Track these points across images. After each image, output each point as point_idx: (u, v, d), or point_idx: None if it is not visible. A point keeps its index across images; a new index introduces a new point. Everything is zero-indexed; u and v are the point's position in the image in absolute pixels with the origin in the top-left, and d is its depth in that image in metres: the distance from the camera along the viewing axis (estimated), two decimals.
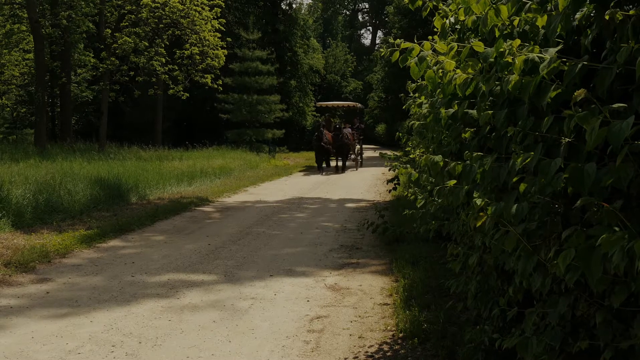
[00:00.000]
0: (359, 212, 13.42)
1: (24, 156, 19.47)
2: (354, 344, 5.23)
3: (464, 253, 4.54)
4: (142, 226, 11.04)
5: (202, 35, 26.81)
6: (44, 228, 10.19)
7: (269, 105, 35.58)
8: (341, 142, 25.17)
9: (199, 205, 14.11)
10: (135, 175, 16.26)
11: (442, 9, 4.19)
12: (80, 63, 32.99)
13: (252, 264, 8.21)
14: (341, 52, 67.50)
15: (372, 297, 6.71)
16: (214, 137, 34.19)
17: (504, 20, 3.13)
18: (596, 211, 2.36)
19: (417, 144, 7.03)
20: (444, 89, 3.81)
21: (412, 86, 5.67)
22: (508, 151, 3.23)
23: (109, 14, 27.82)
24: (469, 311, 5.30)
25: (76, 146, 26.05)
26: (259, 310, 6.17)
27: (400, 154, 10.60)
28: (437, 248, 8.19)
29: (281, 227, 11.33)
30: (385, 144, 48.56)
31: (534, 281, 2.93)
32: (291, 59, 44.90)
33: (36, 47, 25.50)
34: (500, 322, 4.02)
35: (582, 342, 2.70)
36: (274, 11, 44.12)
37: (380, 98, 52.89)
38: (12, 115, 41.46)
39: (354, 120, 30.75)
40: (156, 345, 5.17)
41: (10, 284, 7.07)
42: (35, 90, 26.52)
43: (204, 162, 23.01)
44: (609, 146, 2.22)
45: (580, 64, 2.45)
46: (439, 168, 3.92)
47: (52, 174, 13.72)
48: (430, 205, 5.66)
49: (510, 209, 2.85)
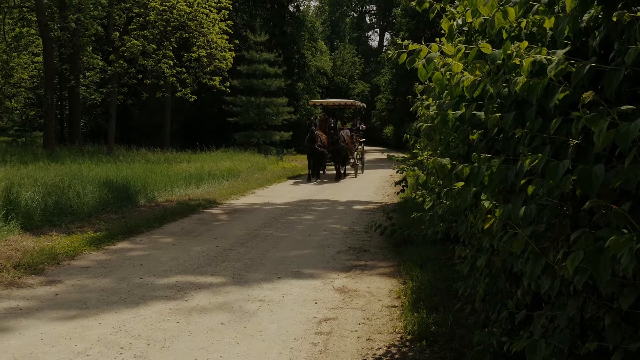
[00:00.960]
0: (366, 214, 13.41)
1: (33, 159, 19.55)
2: (362, 347, 5.23)
3: (472, 255, 4.53)
4: (150, 228, 11.07)
5: (210, 38, 26.84)
6: (53, 230, 10.22)
7: (276, 107, 35.56)
8: (337, 145, 22.08)
9: (207, 207, 14.13)
10: (144, 178, 16.29)
11: (449, 11, 4.20)
12: (89, 66, 33.10)
13: (260, 266, 8.21)
14: (349, 54, 67.57)
15: (380, 300, 6.71)
16: (221, 140, 34.18)
17: (512, 22, 3.12)
18: (604, 213, 2.36)
19: (425, 146, 7.03)
20: (452, 91, 3.81)
21: (420, 88, 5.67)
22: (516, 153, 3.23)
23: (117, 17, 27.90)
24: (477, 313, 5.29)
25: (85, 149, 26.13)
26: (266, 313, 6.17)
27: (408, 156, 10.61)
28: (445, 250, 8.18)
29: (289, 229, 11.33)
30: (393, 146, 48.56)
31: (542, 283, 2.92)
32: (299, 61, 44.88)
33: (45, 50, 25.63)
34: (509, 324, 4.02)
35: (590, 344, 2.69)
36: (281, 13, 44.10)
37: (388, 100, 52.93)
38: (22, 118, 41.78)
39: (355, 120, 28.25)
40: (164, 347, 5.18)
41: (19, 286, 7.10)
42: (44, 93, 26.66)
43: (211, 164, 23.03)
44: (617, 148, 2.22)
45: (588, 66, 2.44)
46: (446, 170, 3.91)
47: (61, 177, 13.76)
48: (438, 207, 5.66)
49: (518, 211, 2.85)
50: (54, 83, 27.38)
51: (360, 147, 25.63)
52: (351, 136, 23.84)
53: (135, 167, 18.75)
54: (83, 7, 26.15)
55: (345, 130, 23.84)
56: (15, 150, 23.53)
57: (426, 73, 3.58)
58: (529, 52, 2.78)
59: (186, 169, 20.60)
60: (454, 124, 4.11)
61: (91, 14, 26.65)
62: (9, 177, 12.66)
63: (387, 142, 53.67)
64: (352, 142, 23.64)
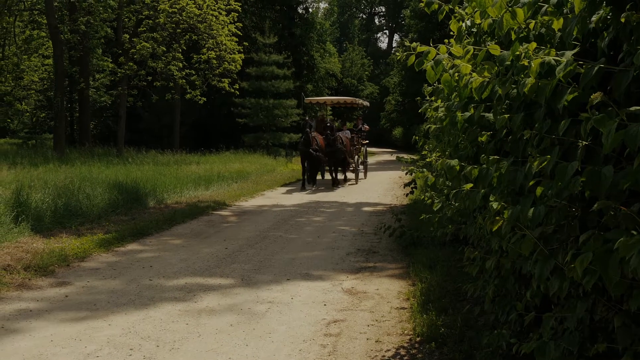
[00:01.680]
0: (375, 215, 13.40)
1: (43, 161, 19.68)
2: (371, 348, 5.23)
3: (481, 257, 4.52)
4: (159, 230, 11.09)
5: (219, 40, 26.91)
6: (63, 232, 10.26)
7: (285, 109, 35.57)
8: (333, 147, 19.56)
9: (216, 209, 14.15)
10: (153, 180, 16.34)
11: (458, 13, 4.20)
12: (99, 68, 33.30)
13: (269, 268, 8.22)
14: (357, 55, 67.57)
15: (389, 301, 6.70)
16: (230, 141, 34.25)
17: (520, 23, 3.12)
18: (613, 215, 2.35)
19: (434, 147, 7.02)
20: (460, 93, 3.81)
21: (429, 90, 5.66)
22: (524, 154, 3.23)
23: (126, 20, 28.01)
24: (486, 315, 5.28)
25: (95, 151, 26.29)
26: (276, 314, 6.17)
27: (417, 158, 10.59)
28: (454, 252, 8.17)
29: (298, 230, 11.34)
30: (402, 147, 48.58)
31: (551, 285, 2.91)
32: (308, 63, 44.93)
33: (55, 52, 25.78)
34: (518, 326, 4.01)
35: (599, 345, 2.68)
36: (290, 15, 44.16)
37: (397, 102, 52.95)
38: (32, 121, 42.00)
39: (357, 121, 25.24)
40: (174, 348, 5.19)
41: (29, 288, 7.13)
42: (54, 95, 26.82)
43: (221, 166, 23.07)
44: (627, 149, 2.21)
45: (597, 67, 2.44)
46: (455, 172, 3.91)
47: (71, 179, 13.83)
48: (447, 209, 5.65)
49: (526, 212, 2.84)
50: (64, 85, 27.55)
51: (362, 149, 23.33)
52: (352, 138, 21.98)
53: (144, 169, 18.82)
54: (93, 10, 26.27)
55: (345, 131, 22.21)
56: (25, 153, 23.70)
57: (434, 75, 3.58)
58: (538, 54, 2.77)
59: (195, 171, 20.64)
60: (463, 126, 4.11)
61: (101, 16, 26.75)
62: (20, 179, 12.77)
63: (396, 143, 53.71)
64: (352, 144, 21.65)
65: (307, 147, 18.94)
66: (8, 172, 15.52)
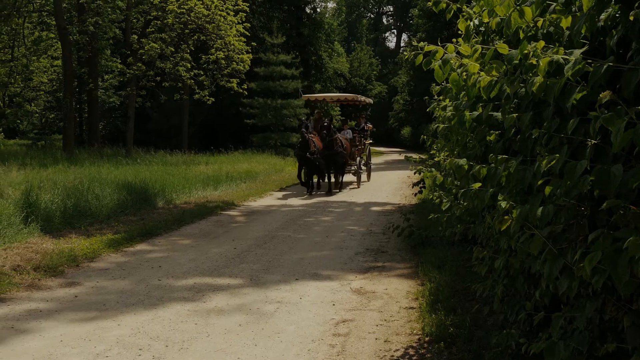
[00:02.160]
0: (384, 215, 13.38)
1: (52, 161, 19.74)
2: (380, 348, 5.22)
3: (489, 256, 4.51)
4: (168, 230, 11.12)
5: (227, 40, 26.90)
6: (72, 232, 10.30)
7: (293, 109, 35.55)
8: (332, 150, 17.54)
9: (224, 209, 14.17)
10: (162, 180, 16.37)
11: (466, 12, 4.19)
12: (107, 69, 33.39)
13: (277, 268, 8.23)
14: (366, 55, 67.50)
15: (397, 301, 6.69)
16: (239, 142, 34.26)
17: (528, 22, 3.11)
18: (623, 214, 2.34)
19: (442, 147, 7.00)
20: (468, 92, 3.80)
21: (437, 89, 5.65)
22: (533, 154, 3.22)
23: (135, 20, 28.07)
24: (495, 315, 5.27)
25: (103, 151, 26.36)
26: (284, 314, 6.18)
27: (426, 157, 10.57)
28: (463, 251, 8.15)
29: (306, 230, 11.34)
30: (411, 147, 48.44)
31: (560, 285, 2.90)
32: (316, 63, 44.94)
33: (64, 53, 25.88)
34: (527, 326, 4.00)
35: (609, 345, 2.67)
36: (298, 15, 44.16)
37: (406, 101, 52.89)
38: (41, 122, 42.24)
39: (360, 119, 23.33)
40: (183, 348, 5.20)
41: (39, 288, 7.16)
42: (63, 96, 26.91)
43: (229, 166, 23.10)
44: (636, 148, 2.20)
45: (606, 65, 2.43)
46: (463, 171, 3.90)
47: (80, 179, 13.87)
48: (456, 208, 5.63)
49: (535, 211, 2.83)
50: (72, 86, 27.65)
51: (365, 150, 21.52)
52: (353, 138, 20.42)
53: (153, 170, 18.85)
54: (101, 11, 26.32)
55: (346, 130, 20.71)
56: (34, 154, 23.76)
57: (442, 74, 3.57)
58: (546, 52, 2.76)
59: (204, 171, 20.67)
60: (471, 125, 4.10)
61: (109, 17, 26.80)
62: (29, 180, 12.80)
63: (404, 143, 53.58)
64: (353, 144, 20.08)
65: (304, 152, 17.38)
66: (18, 173, 15.57)
